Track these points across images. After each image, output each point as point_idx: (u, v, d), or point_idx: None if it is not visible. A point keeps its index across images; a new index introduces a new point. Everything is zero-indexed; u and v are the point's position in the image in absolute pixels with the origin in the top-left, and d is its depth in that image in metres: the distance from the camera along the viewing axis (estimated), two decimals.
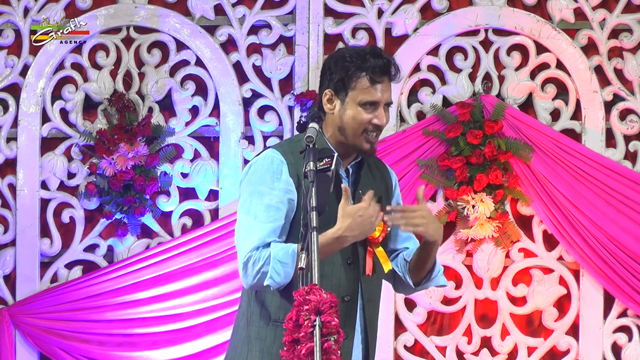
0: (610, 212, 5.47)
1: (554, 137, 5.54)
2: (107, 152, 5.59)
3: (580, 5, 5.64)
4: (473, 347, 5.61)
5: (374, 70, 3.54)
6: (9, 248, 5.67)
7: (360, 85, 3.55)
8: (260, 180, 3.53)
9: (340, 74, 3.56)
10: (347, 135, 3.57)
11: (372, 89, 3.54)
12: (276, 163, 3.54)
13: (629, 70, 5.61)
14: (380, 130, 3.58)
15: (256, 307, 3.56)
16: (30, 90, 5.69)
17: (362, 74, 3.54)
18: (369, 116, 3.55)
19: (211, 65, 5.69)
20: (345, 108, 3.56)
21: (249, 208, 3.52)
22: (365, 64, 3.55)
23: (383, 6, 5.68)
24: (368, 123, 3.55)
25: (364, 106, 3.55)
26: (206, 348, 5.52)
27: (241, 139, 5.65)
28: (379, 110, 3.56)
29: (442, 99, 5.66)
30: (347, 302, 3.56)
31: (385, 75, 3.56)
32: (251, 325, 3.57)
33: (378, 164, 3.76)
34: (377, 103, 3.55)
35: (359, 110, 3.55)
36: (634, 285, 5.46)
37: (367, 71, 3.54)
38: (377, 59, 3.55)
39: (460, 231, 5.54)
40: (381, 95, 3.55)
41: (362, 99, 3.55)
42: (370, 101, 3.54)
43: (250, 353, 3.55)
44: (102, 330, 5.55)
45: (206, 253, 5.53)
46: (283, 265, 3.41)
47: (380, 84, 3.55)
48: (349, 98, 3.56)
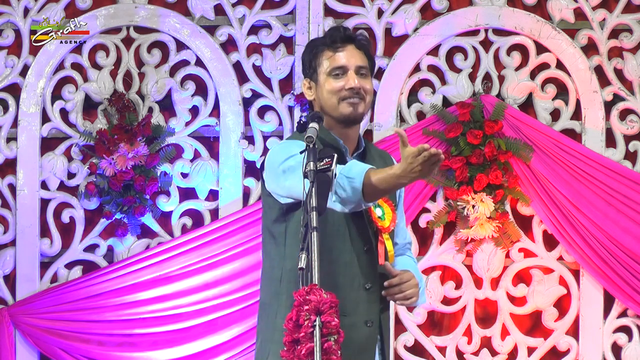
0: (610, 212, 5.48)
1: (554, 137, 5.54)
2: (107, 152, 5.59)
3: (580, 5, 5.64)
4: (473, 347, 5.61)
5: (334, 40, 3.64)
6: (9, 248, 5.67)
7: (325, 58, 3.64)
8: (287, 149, 3.55)
9: (308, 59, 3.67)
10: (329, 110, 3.63)
11: (335, 56, 3.63)
12: (291, 142, 3.59)
13: (629, 70, 5.62)
14: (360, 94, 3.62)
15: (292, 287, 3.46)
16: (30, 90, 5.69)
17: (324, 48, 3.65)
18: (340, 83, 3.61)
19: (211, 65, 5.69)
20: (320, 87, 3.64)
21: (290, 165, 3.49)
22: (325, 39, 3.66)
23: (383, 6, 5.68)
24: (341, 89, 3.60)
25: (333, 76, 3.62)
26: (206, 348, 5.52)
27: (241, 139, 5.65)
28: (349, 74, 3.61)
29: (442, 99, 5.66)
30: (369, 290, 3.59)
31: (347, 42, 3.64)
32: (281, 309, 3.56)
33: (382, 154, 3.80)
34: (344, 67, 3.62)
35: (329, 81, 3.62)
36: (634, 285, 5.46)
37: (327, 45, 3.65)
38: (335, 31, 3.66)
39: (460, 231, 5.54)
40: (347, 60, 3.62)
41: (327, 68, 3.63)
42: (335, 67, 3.62)
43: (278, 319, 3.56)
44: (102, 330, 5.55)
45: (206, 253, 5.53)
46: (349, 180, 3.37)
47: (343, 51, 3.63)
48: (319, 76, 3.64)
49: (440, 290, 5.60)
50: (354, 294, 3.58)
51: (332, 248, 3.53)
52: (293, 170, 3.47)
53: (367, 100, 3.65)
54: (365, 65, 3.65)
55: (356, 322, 3.58)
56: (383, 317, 3.67)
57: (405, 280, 3.62)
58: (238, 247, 5.52)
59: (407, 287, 3.62)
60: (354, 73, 3.62)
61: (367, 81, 3.65)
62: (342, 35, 3.64)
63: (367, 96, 3.64)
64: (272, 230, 3.65)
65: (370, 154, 3.73)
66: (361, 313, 3.59)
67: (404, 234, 3.88)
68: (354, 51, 3.64)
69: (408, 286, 3.62)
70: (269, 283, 3.64)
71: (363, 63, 3.65)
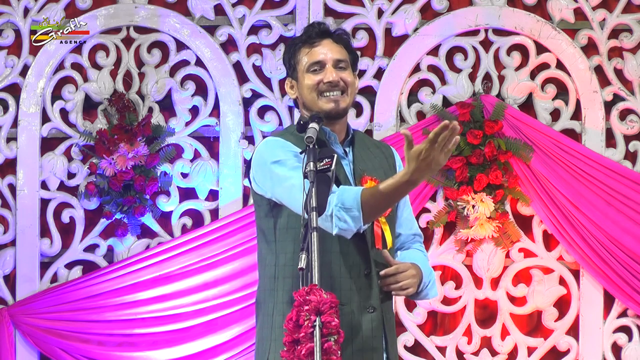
0: (610, 212, 5.48)
1: (554, 137, 5.54)
2: (107, 152, 5.59)
3: (580, 5, 5.64)
4: (473, 347, 5.61)
5: (310, 36, 3.64)
6: (9, 248, 5.67)
7: (302, 55, 3.64)
8: (272, 151, 3.55)
9: (288, 57, 3.68)
10: (310, 106, 3.63)
11: (312, 52, 3.63)
12: (280, 141, 3.58)
13: (629, 70, 5.62)
14: (339, 86, 3.60)
15: (279, 294, 3.54)
16: (30, 90, 5.69)
17: (301, 45, 3.65)
18: (317, 77, 3.61)
19: (211, 65, 5.69)
20: (300, 84, 3.64)
21: (281, 172, 3.49)
22: (302, 37, 3.66)
23: (383, 6, 5.68)
24: (318, 83, 3.60)
25: (311, 71, 3.62)
26: (206, 348, 5.52)
27: (241, 139, 5.65)
28: (327, 68, 3.61)
29: (442, 99, 5.66)
30: (367, 275, 3.56)
31: (324, 37, 3.64)
32: (274, 315, 3.57)
33: (377, 144, 3.80)
34: (321, 62, 3.62)
35: (308, 76, 3.62)
36: (634, 285, 5.46)
37: (303, 42, 3.65)
38: (310, 27, 3.66)
39: (460, 231, 5.54)
40: (324, 55, 3.62)
41: (305, 65, 3.63)
42: (313, 62, 3.62)
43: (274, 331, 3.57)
44: (102, 330, 5.55)
45: (206, 253, 5.53)
46: (347, 210, 3.40)
47: (319, 45, 3.63)
48: (299, 73, 3.65)
49: (440, 290, 5.60)
50: (351, 281, 3.56)
51: (324, 237, 3.50)
52: (281, 181, 3.48)
53: (349, 92, 3.64)
54: (344, 59, 3.65)
55: (355, 309, 3.56)
56: (384, 306, 3.64)
57: (401, 270, 3.60)
58: (238, 247, 5.52)
59: (402, 277, 3.60)
60: (332, 67, 3.61)
61: (347, 73, 3.64)
62: (317, 30, 3.64)
63: (349, 88, 3.63)
64: (262, 226, 3.65)
65: (363, 143, 3.72)
66: (360, 300, 3.56)
67: (409, 224, 3.83)
68: (332, 45, 3.64)
69: (404, 277, 3.60)
70: (264, 281, 3.64)
71: (341, 56, 3.64)
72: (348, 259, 3.55)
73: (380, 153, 3.73)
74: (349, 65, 3.66)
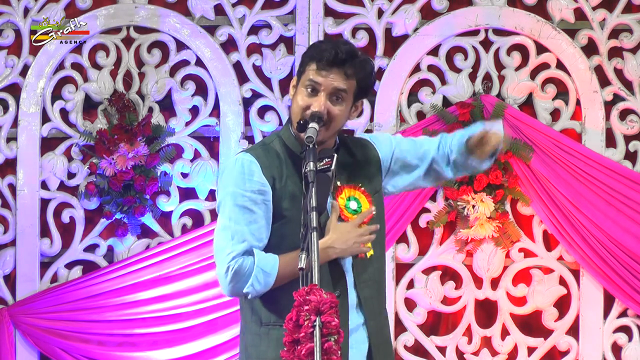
0: (610, 212, 5.48)
1: (554, 137, 5.54)
2: (107, 152, 5.59)
3: (580, 5, 5.64)
4: (473, 347, 5.61)
5: (321, 57, 3.50)
6: (9, 248, 5.67)
7: (309, 68, 3.52)
8: (231, 182, 3.51)
9: (302, 60, 3.58)
10: (293, 119, 3.54)
11: (317, 73, 3.50)
12: (247, 165, 3.51)
13: (629, 70, 5.62)
14: (322, 119, 3.49)
15: (248, 313, 3.56)
16: (30, 90, 5.69)
17: (312, 60, 3.53)
18: (308, 100, 3.51)
19: (211, 65, 5.69)
20: (297, 91, 3.56)
21: (224, 211, 3.51)
22: (318, 52, 3.53)
23: (383, 6, 5.68)
24: (306, 108, 3.50)
25: (307, 87, 3.52)
26: (206, 348, 5.52)
27: (241, 139, 5.65)
28: (320, 96, 3.50)
29: (442, 99, 5.66)
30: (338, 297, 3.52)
31: (334, 66, 3.51)
32: (246, 334, 3.59)
33: (355, 143, 3.70)
34: (319, 86, 3.50)
35: (302, 91, 3.53)
36: (634, 285, 5.46)
37: (316, 59, 3.52)
38: (330, 49, 3.52)
39: (460, 231, 5.54)
40: (324, 80, 3.50)
41: (306, 79, 3.52)
42: (312, 80, 3.50)
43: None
44: (102, 330, 5.55)
45: (206, 253, 5.52)
46: (265, 274, 3.43)
47: (326, 71, 3.50)
48: (300, 82, 3.55)
49: (440, 290, 5.60)
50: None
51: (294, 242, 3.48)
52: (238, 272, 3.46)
53: (331, 125, 3.52)
54: (345, 89, 3.52)
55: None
56: (371, 318, 3.61)
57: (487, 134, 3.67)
58: None
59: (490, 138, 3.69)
60: (325, 97, 3.50)
61: (339, 106, 3.52)
62: (330, 58, 3.50)
63: (333, 122, 3.51)
64: None
65: (347, 150, 3.65)
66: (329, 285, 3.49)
67: (421, 146, 3.80)
68: (338, 75, 3.51)
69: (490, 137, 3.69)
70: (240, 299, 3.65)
71: (344, 86, 3.52)
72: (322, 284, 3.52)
73: (361, 154, 3.67)
74: (349, 96, 3.55)
